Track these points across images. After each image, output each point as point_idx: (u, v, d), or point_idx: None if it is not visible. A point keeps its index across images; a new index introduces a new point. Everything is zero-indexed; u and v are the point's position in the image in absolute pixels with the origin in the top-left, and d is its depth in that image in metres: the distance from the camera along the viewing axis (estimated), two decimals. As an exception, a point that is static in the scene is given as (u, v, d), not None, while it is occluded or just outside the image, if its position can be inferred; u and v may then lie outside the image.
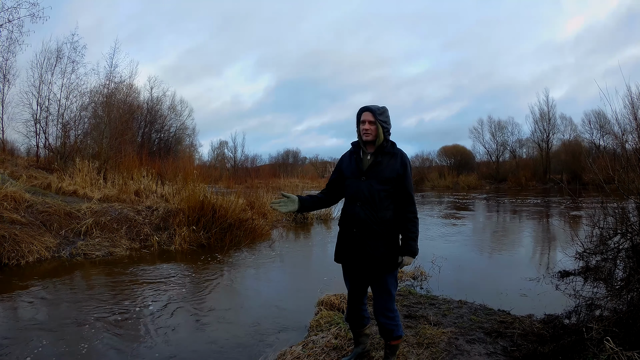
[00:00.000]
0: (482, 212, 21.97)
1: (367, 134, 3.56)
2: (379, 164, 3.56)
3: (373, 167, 3.55)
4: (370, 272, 3.60)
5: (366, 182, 3.54)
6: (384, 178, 3.53)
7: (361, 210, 3.51)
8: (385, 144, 3.60)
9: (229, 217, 11.29)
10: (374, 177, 3.54)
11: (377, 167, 3.55)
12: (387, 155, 3.59)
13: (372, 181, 3.53)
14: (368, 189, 3.51)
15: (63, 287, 6.91)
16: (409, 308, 5.65)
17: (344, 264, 3.74)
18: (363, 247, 3.51)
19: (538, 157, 55.82)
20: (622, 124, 6.23)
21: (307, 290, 6.78)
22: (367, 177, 3.55)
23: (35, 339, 4.77)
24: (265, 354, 4.44)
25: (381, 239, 3.52)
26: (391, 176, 3.54)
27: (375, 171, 3.54)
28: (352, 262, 3.60)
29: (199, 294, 6.74)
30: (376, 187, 3.51)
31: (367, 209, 3.50)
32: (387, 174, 3.54)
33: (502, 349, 4.26)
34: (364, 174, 3.56)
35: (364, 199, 3.52)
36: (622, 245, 5.09)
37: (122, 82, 24.85)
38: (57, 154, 19.64)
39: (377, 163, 3.56)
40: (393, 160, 3.58)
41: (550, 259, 9.23)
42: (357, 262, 3.57)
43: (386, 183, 3.53)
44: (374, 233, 3.50)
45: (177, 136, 45.82)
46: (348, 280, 3.82)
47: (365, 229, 3.51)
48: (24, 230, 8.87)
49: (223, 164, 57.38)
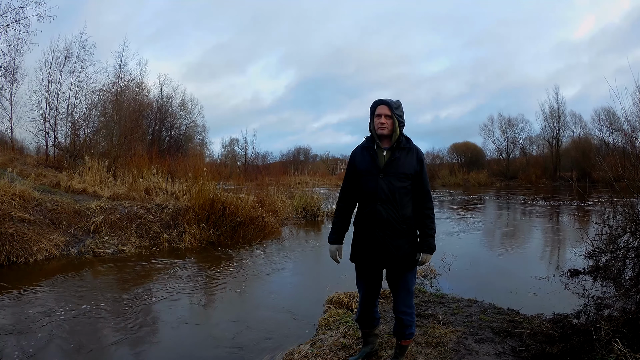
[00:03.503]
0: (492, 209, 21.89)
1: (383, 128, 3.46)
2: (397, 160, 3.47)
3: (391, 164, 3.46)
4: (392, 270, 3.58)
5: (385, 179, 3.42)
6: (402, 174, 3.45)
7: (382, 209, 3.41)
8: (402, 139, 3.52)
9: (239, 215, 11.33)
10: (393, 174, 3.43)
11: (395, 163, 3.46)
12: (404, 151, 3.50)
13: (391, 178, 3.43)
14: (388, 187, 3.41)
15: (70, 284, 6.95)
16: (418, 307, 5.63)
17: (364, 264, 3.62)
18: (386, 247, 3.43)
19: (548, 155, 55.61)
20: (631, 121, 6.20)
21: (316, 288, 6.77)
22: (386, 173, 3.44)
23: (40, 332, 4.82)
24: (273, 352, 4.44)
25: (404, 237, 3.47)
26: (409, 172, 3.47)
27: (394, 168, 3.45)
28: (374, 263, 3.52)
29: (207, 292, 6.77)
30: (396, 184, 3.43)
31: (389, 208, 3.41)
32: (406, 170, 3.46)
33: (511, 349, 4.24)
34: (382, 171, 3.44)
35: (384, 197, 3.41)
36: (631, 244, 5.06)
37: (132, 80, 24.98)
38: (66, 152, 19.80)
39: (395, 159, 3.47)
40: (410, 156, 3.50)
41: (560, 258, 9.18)
42: (380, 262, 3.50)
43: (405, 180, 3.46)
44: (397, 232, 3.44)
45: (187, 134, 45.94)
46: (363, 280, 3.73)
47: (388, 228, 3.42)
48: (33, 229, 8.92)
49: (234, 161, 57.43)
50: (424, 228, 3.57)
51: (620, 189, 5.30)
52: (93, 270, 7.92)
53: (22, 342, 4.57)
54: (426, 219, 3.56)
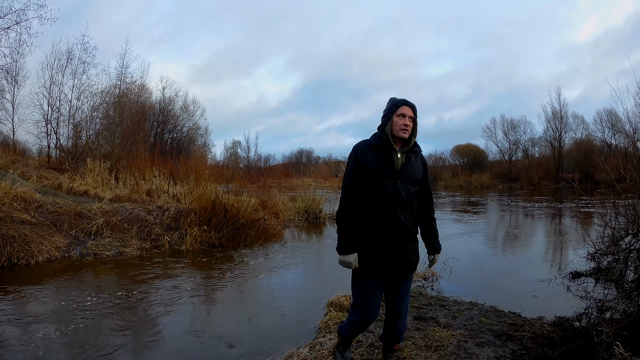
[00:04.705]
0: (494, 211, 21.86)
1: (406, 130, 3.29)
2: (412, 165, 3.35)
3: (406, 168, 3.32)
4: (404, 277, 3.43)
5: (402, 184, 3.28)
6: (416, 180, 3.38)
7: (402, 217, 3.26)
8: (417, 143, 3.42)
9: (240, 217, 11.31)
10: (408, 179, 3.31)
11: (410, 168, 3.34)
12: (414, 154, 3.40)
13: (407, 183, 3.30)
14: (405, 193, 3.28)
15: (71, 285, 6.96)
16: (419, 309, 5.62)
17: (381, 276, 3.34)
18: (406, 254, 3.30)
19: (550, 156, 55.71)
20: (633, 122, 6.17)
21: (317, 290, 6.76)
22: (402, 179, 3.28)
23: (40, 333, 4.83)
24: (272, 355, 4.43)
25: (416, 242, 3.42)
26: (419, 177, 3.41)
27: (409, 173, 3.32)
28: (393, 273, 3.32)
29: (208, 294, 6.78)
30: (411, 189, 3.33)
31: (407, 214, 3.30)
32: (417, 176, 3.40)
33: (512, 353, 4.21)
34: (399, 176, 3.28)
35: (403, 204, 3.28)
36: (633, 245, 5.04)
37: (134, 82, 25.04)
38: (68, 154, 19.84)
39: (410, 164, 3.35)
40: (418, 160, 3.42)
41: (562, 260, 9.15)
42: (398, 272, 3.33)
43: (416, 185, 3.39)
44: (412, 238, 3.37)
45: (189, 136, 46.07)
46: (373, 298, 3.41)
47: (406, 235, 3.32)
48: (34, 230, 8.93)
49: (236, 163, 57.55)
50: (431, 230, 3.56)
51: (622, 190, 5.28)
52: (94, 272, 7.92)
53: (20, 347, 4.56)
54: (432, 221, 3.55)
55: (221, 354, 4.55)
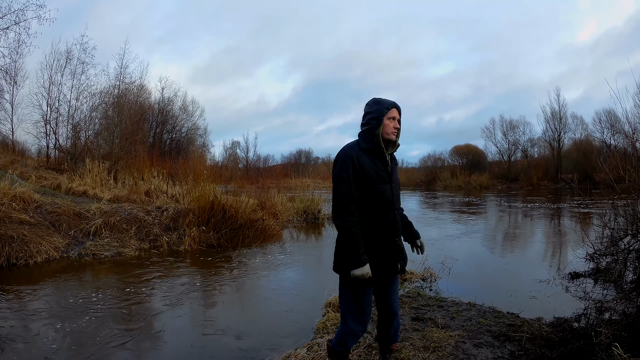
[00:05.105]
0: (493, 211, 21.86)
1: (396, 134, 3.29)
2: (395, 167, 3.44)
3: (394, 171, 3.39)
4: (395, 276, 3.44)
5: (393, 186, 3.32)
6: (399, 181, 3.47)
7: (397, 218, 3.33)
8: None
9: (239, 218, 11.31)
10: (395, 181, 3.37)
11: (395, 169, 3.42)
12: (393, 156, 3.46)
13: (396, 185, 3.37)
14: (396, 195, 3.34)
15: (70, 285, 6.96)
16: (417, 310, 5.60)
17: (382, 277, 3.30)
18: (403, 253, 3.36)
19: (549, 157, 55.73)
20: (632, 122, 6.15)
21: (316, 291, 6.77)
22: (392, 181, 3.31)
23: (39, 333, 4.84)
24: (270, 356, 4.41)
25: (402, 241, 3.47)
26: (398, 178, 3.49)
27: (395, 175, 3.39)
28: (392, 273, 3.32)
29: (205, 294, 6.76)
30: (398, 190, 3.42)
31: (398, 215, 3.36)
32: (398, 176, 3.48)
33: (510, 354, 4.20)
34: (391, 179, 3.30)
35: (397, 206, 3.36)
36: (632, 246, 5.03)
37: (133, 82, 25.04)
38: (67, 154, 19.81)
39: (394, 165, 3.42)
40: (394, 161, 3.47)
41: (561, 260, 9.13)
42: (396, 270, 3.34)
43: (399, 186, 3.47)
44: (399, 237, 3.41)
45: (188, 136, 46.05)
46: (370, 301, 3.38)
47: (400, 235, 3.40)
48: (33, 231, 8.93)
49: (235, 164, 57.52)
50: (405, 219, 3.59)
51: (621, 190, 5.27)
52: (93, 272, 7.91)
53: (22, 348, 4.55)
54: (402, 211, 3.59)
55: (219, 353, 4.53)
